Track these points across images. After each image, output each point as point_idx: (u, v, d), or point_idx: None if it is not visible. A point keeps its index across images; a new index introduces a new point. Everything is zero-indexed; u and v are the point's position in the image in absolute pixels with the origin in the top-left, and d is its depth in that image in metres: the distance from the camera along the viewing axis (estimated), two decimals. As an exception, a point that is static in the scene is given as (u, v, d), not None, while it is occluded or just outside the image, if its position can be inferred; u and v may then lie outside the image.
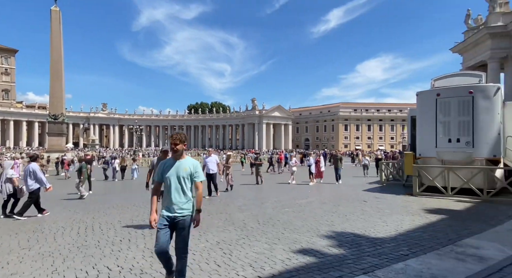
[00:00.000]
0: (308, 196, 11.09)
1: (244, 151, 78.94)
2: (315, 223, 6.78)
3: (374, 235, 5.79)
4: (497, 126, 10.22)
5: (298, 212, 8.04)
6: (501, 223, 6.81)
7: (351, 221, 6.95)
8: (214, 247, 5.19)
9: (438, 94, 10.86)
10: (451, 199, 9.92)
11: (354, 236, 5.76)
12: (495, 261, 4.37)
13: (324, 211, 8.18)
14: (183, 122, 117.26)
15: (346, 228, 6.36)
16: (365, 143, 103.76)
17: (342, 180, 15.30)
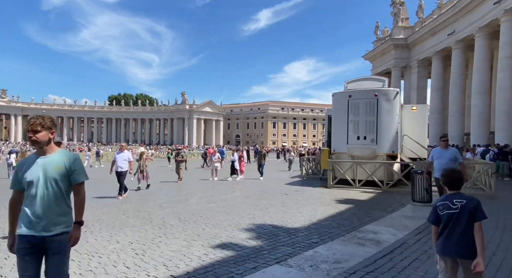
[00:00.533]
0: (234, 191, 11.20)
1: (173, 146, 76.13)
2: (237, 217, 6.85)
3: (290, 226, 6.11)
4: (395, 126, 11.77)
5: (222, 207, 8.03)
6: (395, 210, 7.87)
7: (272, 214, 7.22)
8: (125, 248, 4.82)
9: (350, 96, 12.01)
10: (358, 190, 11.10)
11: (272, 227, 5.98)
12: (388, 244, 5.00)
13: (247, 205, 8.35)
14: (103, 114, 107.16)
15: (266, 220, 6.58)
16: (291, 140, 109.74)
17: (268, 175, 15.85)
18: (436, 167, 6.75)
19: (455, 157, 6.57)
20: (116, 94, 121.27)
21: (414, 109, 14.32)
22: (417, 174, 8.60)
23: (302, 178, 15.53)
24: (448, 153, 6.64)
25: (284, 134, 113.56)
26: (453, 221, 2.64)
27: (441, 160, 6.56)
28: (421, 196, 8.48)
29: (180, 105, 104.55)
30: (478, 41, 24.73)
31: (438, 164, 6.63)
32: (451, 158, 6.52)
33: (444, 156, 6.57)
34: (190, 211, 7.59)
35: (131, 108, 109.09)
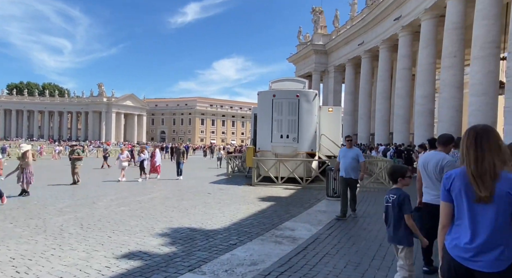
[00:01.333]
0: (153, 191, 10.43)
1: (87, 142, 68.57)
2: (152, 221, 6.31)
3: (209, 227, 5.85)
4: (314, 125, 12.50)
5: (136, 210, 7.33)
6: (312, 206, 8.28)
7: (191, 215, 6.85)
8: (4, 266, 3.94)
9: (274, 95, 12.32)
10: (280, 187, 11.45)
11: (190, 230, 5.64)
12: (303, 240, 5.14)
13: (165, 206, 7.79)
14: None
15: (184, 223, 6.20)
16: (219, 137, 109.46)
17: (193, 174, 15.28)
18: (340, 166, 6.98)
19: (357, 155, 6.83)
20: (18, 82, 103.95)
21: (330, 111, 15.46)
22: (331, 171, 9.22)
23: (228, 176, 15.41)
24: (351, 152, 6.88)
25: (213, 131, 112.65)
26: (389, 213, 3.19)
27: (345, 160, 6.82)
28: (334, 192, 9.11)
29: (97, 97, 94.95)
30: (382, 52, 28.09)
31: (342, 163, 6.90)
32: (353, 157, 6.78)
33: (348, 156, 6.82)
34: (96, 216, 6.72)
35: (36, 99, 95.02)
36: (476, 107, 15.45)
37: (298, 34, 46.28)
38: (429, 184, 3.86)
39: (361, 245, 4.94)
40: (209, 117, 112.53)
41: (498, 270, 1.69)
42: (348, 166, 6.78)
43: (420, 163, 4.03)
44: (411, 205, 3.13)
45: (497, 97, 15.85)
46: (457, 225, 1.87)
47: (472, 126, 1.93)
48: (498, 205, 1.73)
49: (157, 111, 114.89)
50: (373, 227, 6.17)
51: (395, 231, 3.14)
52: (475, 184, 1.77)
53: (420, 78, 22.01)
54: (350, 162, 6.75)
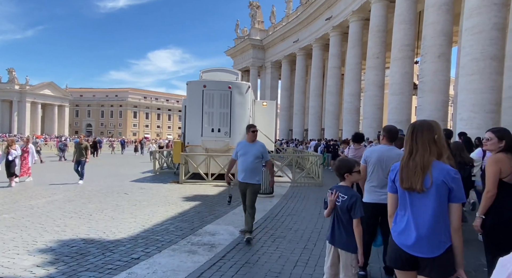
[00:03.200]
0: (55, 193, 8.77)
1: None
2: (38, 232, 5.06)
3: (112, 237, 4.88)
4: (247, 119, 12.02)
5: (21, 218, 5.89)
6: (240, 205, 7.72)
7: (93, 222, 5.74)
8: None
9: (204, 86, 11.49)
10: (210, 185, 10.74)
11: (84, 243, 4.60)
12: (223, 247, 4.53)
13: (64, 212, 6.47)
14: None
15: (81, 232, 5.10)
16: (154, 131, 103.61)
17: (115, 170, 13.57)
18: (239, 166, 5.06)
19: (261, 153, 5.01)
20: None
21: (264, 105, 15.22)
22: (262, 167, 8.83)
23: (154, 173, 14.12)
24: (254, 148, 4.98)
25: (147, 125, 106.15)
26: (337, 214, 2.79)
27: (246, 158, 4.93)
28: (263, 188, 8.74)
29: (7, 84, 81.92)
30: (315, 51, 29.11)
31: (241, 162, 4.98)
32: (256, 154, 4.95)
33: (249, 152, 4.95)
34: (-40, 230, 5.18)
35: None
36: (394, 105, 16.72)
37: (235, 27, 45.69)
38: (381, 183, 3.43)
39: (285, 249, 4.54)
40: (143, 109, 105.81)
41: (437, 255, 1.84)
42: (248, 166, 4.91)
43: (372, 159, 3.54)
44: (362, 208, 2.69)
45: (411, 96, 17.40)
46: (400, 214, 2.00)
47: (413, 121, 2.10)
48: (436, 194, 1.86)
49: (82, 102, 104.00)
50: (300, 226, 5.88)
51: (346, 236, 2.69)
52: (406, 176, 1.92)
53: (348, 77, 23.25)
54: (252, 161, 4.90)
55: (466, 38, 10.95)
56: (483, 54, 10.46)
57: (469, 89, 10.94)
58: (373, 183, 3.54)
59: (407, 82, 16.81)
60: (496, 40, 10.39)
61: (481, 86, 10.57)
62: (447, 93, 14.79)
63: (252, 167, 4.97)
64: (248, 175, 4.97)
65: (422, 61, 14.67)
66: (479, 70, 10.62)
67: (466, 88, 11.08)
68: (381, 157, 3.52)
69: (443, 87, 14.08)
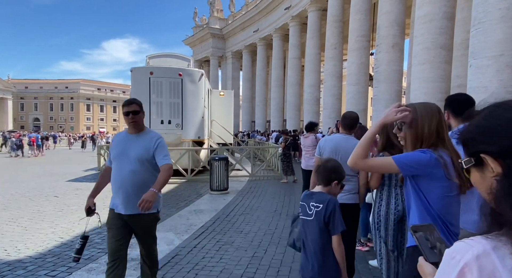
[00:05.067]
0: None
1: None
2: None
3: (13, 256, 3.86)
4: (201, 109, 11.15)
5: None
6: (189, 204, 6.98)
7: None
8: None
9: (151, 73, 10.38)
10: (160, 182, 9.77)
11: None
12: (154, 260, 3.74)
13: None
14: None
15: (-28, 253, 4.01)
16: (110, 125, 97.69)
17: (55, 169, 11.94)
18: (112, 183, 2.72)
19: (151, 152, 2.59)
20: None
21: (222, 95, 14.40)
22: (215, 161, 8.10)
23: (99, 170, 12.73)
24: (139, 145, 2.62)
25: (102, 118, 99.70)
26: (306, 233, 2.10)
27: (123, 164, 2.60)
28: (217, 184, 8.04)
29: None
30: (275, 41, 28.62)
31: (114, 175, 2.66)
32: (143, 156, 2.59)
33: (130, 154, 2.59)
34: None
35: None
36: (352, 95, 16.75)
37: (194, 15, 43.81)
38: None
39: (230, 259, 3.87)
40: (97, 102, 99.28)
41: None
42: (127, 180, 2.54)
43: (326, 150, 2.93)
44: (342, 219, 2.00)
45: (368, 86, 17.55)
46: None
47: None
48: None
49: (28, 94, 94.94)
50: (252, 227, 5.25)
51: (322, 262, 1.98)
52: None
53: (307, 67, 23.07)
54: (133, 170, 2.54)
55: (418, 26, 10.99)
56: (434, 43, 10.56)
57: (420, 78, 11.06)
58: None
59: (363, 72, 16.89)
60: (446, 29, 10.52)
61: (432, 74, 10.69)
62: (401, 83, 15.02)
63: (137, 182, 2.53)
64: (130, 199, 2.49)
65: (377, 51, 14.72)
66: (429, 59, 10.75)
67: (418, 77, 11.19)
68: (336, 148, 2.93)
69: (397, 77, 14.25)
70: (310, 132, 6.67)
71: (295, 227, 3.04)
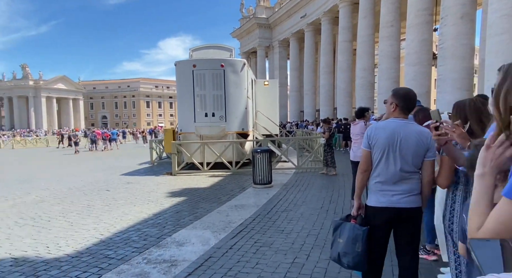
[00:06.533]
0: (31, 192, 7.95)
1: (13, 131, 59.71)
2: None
3: (53, 254, 3.90)
4: (244, 100, 10.80)
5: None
6: (231, 198, 6.70)
7: (45, 231, 4.80)
8: None
9: (194, 65, 10.28)
10: (205, 175, 9.73)
11: (12, 263, 3.63)
12: (186, 265, 3.46)
13: (20, 218, 5.56)
14: None
15: (19, 247, 4.14)
16: (168, 120, 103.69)
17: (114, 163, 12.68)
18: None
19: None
20: None
21: (266, 84, 13.90)
22: (257, 153, 7.69)
23: (152, 164, 13.24)
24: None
25: (160, 114, 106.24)
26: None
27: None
28: (260, 178, 7.64)
29: (21, 80, 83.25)
30: (324, 25, 27.05)
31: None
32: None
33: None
34: None
35: None
36: (412, 76, 15.00)
37: (240, 7, 43.56)
38: (393, 177, 2.22)
39: (267, 265, 3.43)
40: (155, 99, 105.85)
41: None
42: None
43: (380, 141, 2.23)
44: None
45: (430, 66, 15.57)
46: None
47: None
48: None
49: (96, 94, 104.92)
50: (294, 226, 4.74)
51: None
52: None
53: (360, 50, 21.38)
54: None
55: (495, -10, 9.20)
56: (515, 10, 8.76)
57: (498, 51, 9.37)
58: (381, 177, 2.31)
59: (425, 50, 14.99)
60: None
61: (512, 46, 8.94)
62: (472, 60, 12.97)
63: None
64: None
65: (442, 24, 12.86)
66: (509, 28, 8.98)
67: (494, 50, 9.52)
68: (392, 137, 2.27)
69: (467, 52, 12.32)
70: (360, 119, 5.89)
71: (338, 237, 2.48)
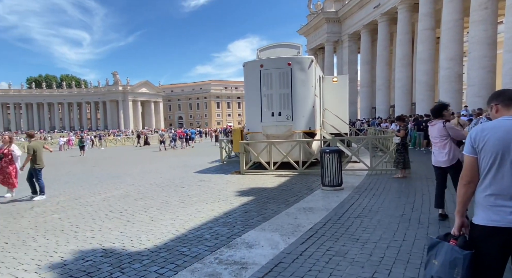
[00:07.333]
0: (120, 187, 8.93)
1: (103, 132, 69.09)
2: (66, 238, 4.71)
3: (135, 248, 4.22)
4: (312, 98, 10.44)
5: (66, 220, 5.80)
6: (299, 200, 6.50)
7: (129, 225, 5.26)
8: None
9: (261, 65, 10.31)
10: (272, 175, 9.70)
11: (102, 254, 4.03)
12: (256, 269, 3.39)
13: (110, 211, 6.24)
14: (20, 98, 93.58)
15: (108, 239, 4.60)
16: (236, 119, 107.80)
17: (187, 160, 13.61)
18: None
19: None
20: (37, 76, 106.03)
21: (335, 81, 13.26)
22: (326, 154, 7.33)
23: (222, 163, 13.79)
24: None
25: (229, 113, 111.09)
26: None
27: None
28: (329, 179, 7.26)
29: (112, 86, 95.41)
30: (401, 13, 24.79)
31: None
32: None
33: None
34: (4, 231, 5.27)
35: (55, 91, 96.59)
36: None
37: (308, 3, 42.72)
38: (511, 187, 1.82)
39: (342, 276, 3.16)
40: (225, 99, 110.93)
41: None
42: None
43: (489, 144, 1.87)
44: None
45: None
46: None
47: None
48: None
49: (173, 96, 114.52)
50: (371, 235, 4.33)
51: None
52: None
53: (445, 38, 19.00)
54: None
55: None
56: None
57: None
58: (493, 189, 1.88)
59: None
60: None
61: None
62: None
63: None
64: None
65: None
66: None
67: None
68: (507, 137, 1.83)
69: None
70: (437, 118, 5.00)
71: (433, 258, 2.11)
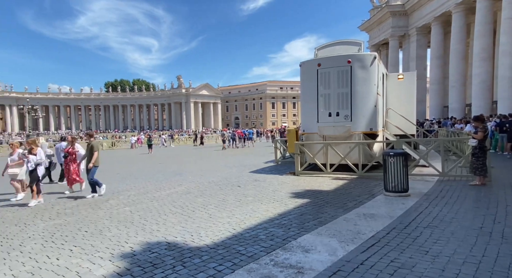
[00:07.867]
0: (182, 183, 9.48)
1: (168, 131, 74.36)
2: (136, 230, 5.11)
3: (196, 243, 4.40)
4: (374, 98, 9.83)
5: (136, 212, 6.26)
6: (359, 205, 6.15)
7: (190, 221, 5.52)
8: None
9: (319, 64, 10.03)
10: (329, 177, 9.37)
11: (167, 247, 4.29)
12: (313, 274, 3.29)
13: (172, 207, 6.62)
14: (99, 101, 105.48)
15: (171, 233, 4.89)
16: (290, 120, 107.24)
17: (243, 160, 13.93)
18: None
19: None
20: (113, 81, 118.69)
21: (401, 78, 12.31)
22: (389, 157, 6.81)
23: (276, 163, 13.78)
24: None
25: (284, 114, 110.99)
26: None
27: None
28: (394, 184, 6.73)
29: (176, 89, 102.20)
30: (480, 2, 22.08)
31: None
32: None
33: None
34: (86, 220, 5.90)
35: (128, 94, 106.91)
36: None
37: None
38: None
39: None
40: (280, 100, 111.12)
41: None
42: None
43: None
44: None
45: None
46: None
47: None
48: None
49: (230, 98, 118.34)
50: (443, 248, 3.89)
51: None
52: None
53: (536, 25, 16.39)
54: None
55: None
56: None
57: None
58: None
59: None
60: None
61: None
62: None
63: None
64: None
65: None
66: None
67: None
68: None
69: None
70: None
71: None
